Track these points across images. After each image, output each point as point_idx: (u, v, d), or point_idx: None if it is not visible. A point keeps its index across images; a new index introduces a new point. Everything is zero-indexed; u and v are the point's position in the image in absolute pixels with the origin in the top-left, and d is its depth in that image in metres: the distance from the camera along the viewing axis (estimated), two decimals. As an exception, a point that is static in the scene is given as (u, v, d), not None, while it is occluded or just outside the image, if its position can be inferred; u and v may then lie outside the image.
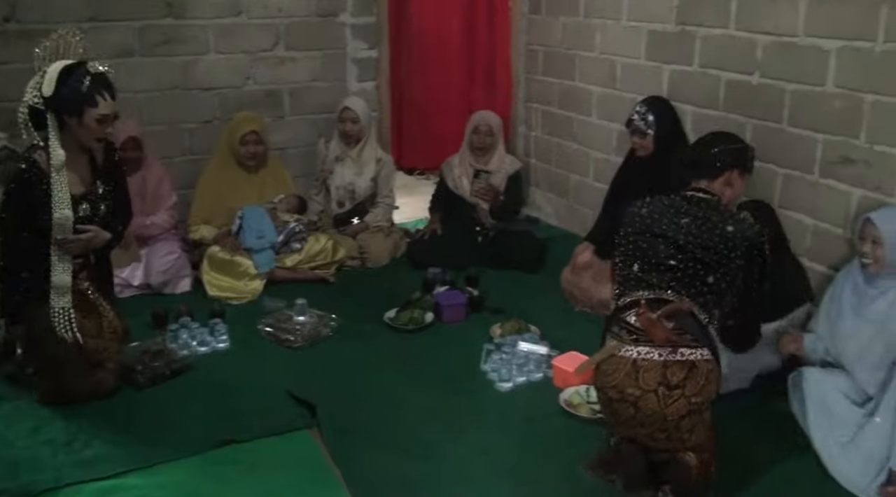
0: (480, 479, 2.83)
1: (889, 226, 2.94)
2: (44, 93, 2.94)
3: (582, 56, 5.17)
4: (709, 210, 2.65)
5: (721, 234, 2.57)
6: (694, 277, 2.56)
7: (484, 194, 4.83)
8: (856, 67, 3.44)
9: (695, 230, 2.60)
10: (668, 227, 2.64)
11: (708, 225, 2.60)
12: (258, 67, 5.07)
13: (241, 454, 2.99)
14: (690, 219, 2.63)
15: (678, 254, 2.59)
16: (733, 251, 2.55)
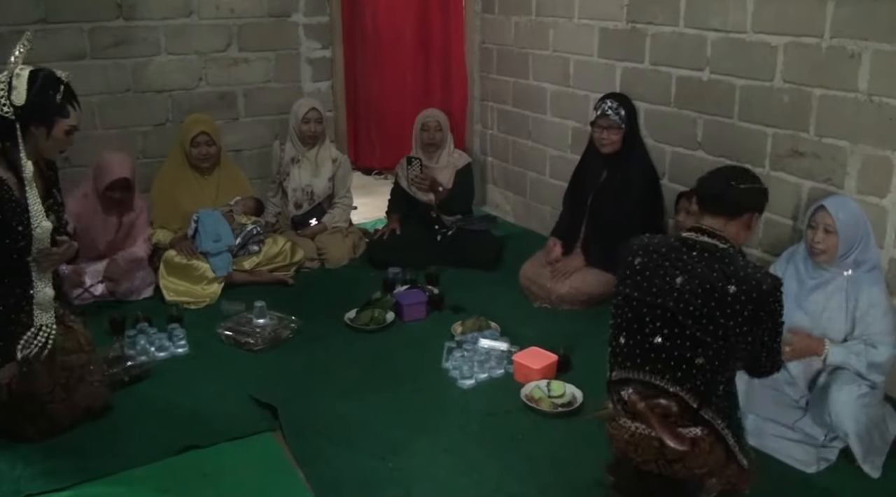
0: (443, 476, 2.84)
1: (842, 213, 2.95)
2: (14, 102, 2.75)
3: (535, 54, 5.21)
4: (712, 261, 2.24)
5: (720, 299, 2.18)
6: (681, 360, 2.22)
7: (419, 183, 4.85)
8: (803, 62, 3.52)
9: (689, 294, 2.21)
10: (659, 289, 2.27)
11: (706, 286, 2.20)
12: (211, 69, 5.03)
13: (204, 460, 2.96)
14: (687, 277, 2.23)
15: (665, 327, 2.24)
16: (732, 319, 2.17)
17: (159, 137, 4.93)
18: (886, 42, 3.17)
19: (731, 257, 2.25)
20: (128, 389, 3.39)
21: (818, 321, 3.00)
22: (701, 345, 2.19)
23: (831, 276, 3.01)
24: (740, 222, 2.36)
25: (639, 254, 2.35)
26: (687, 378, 2.22)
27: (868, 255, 3.01)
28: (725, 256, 2.25)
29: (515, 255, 4.78)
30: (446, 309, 4.20)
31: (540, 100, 5.25)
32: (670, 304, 2.23)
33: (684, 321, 2.21)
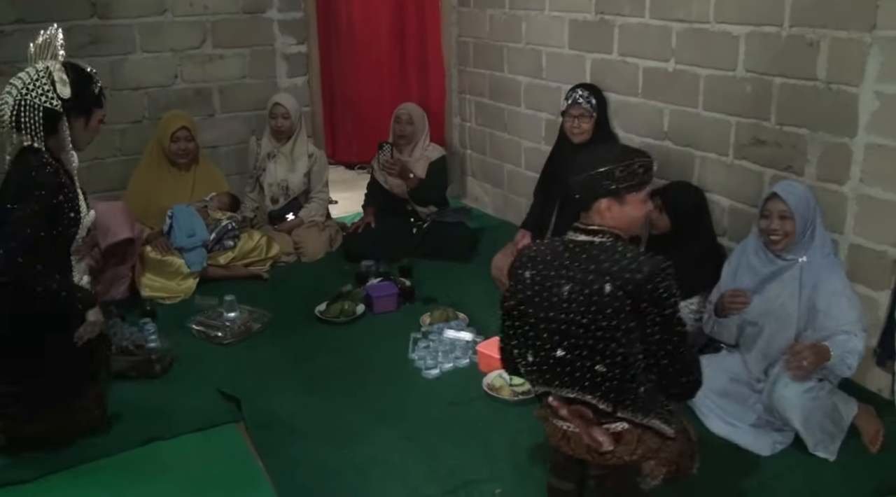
0: (401, 462, 2.88)
1: (796, 198, 2.95)
2: (62, 95, 2.81)
3: (510, 47, 5.23)
4: (589, 262, 2.13)
5: (598, 302, 2.08)
6: (583, 369, 2.16)
7: (390, 168, 4.89)
8: (764, 52, 3.55)
9: (575, 304, 2.12)
10: (549, 302, 2.17)
11: (585, 292, 2.10)
12: (186, 66, 5.06)
13: (167, 451, 3.01)
14: (571, 285, 2.13)
15: (563, 340, 2.16)
16: (614, 319, 2.07)
17: (136, 135, 4.97)
18: (843, 29, 3.20)
19: (608, 251, 2.13)
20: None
21: (771, 308, 3.03)
22: (597, 353, 2.12)
23: (786, 263, 3.03)
24: (617, 207, 2.17)
25: (528, 266, 2.23)
26: (594, 387, 2.16)
27: (820, 237, 3.03)
28: (601, 252, 2.13)
29: (493, 246, 4.78)
30: (418, 301, 4.23)
31: (514, 92, 5.27)
32: (561, 316, 2.14)
33: (576, 332, 2.13)
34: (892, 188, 3.13)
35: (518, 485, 2.75)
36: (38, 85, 2.79)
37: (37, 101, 2.78)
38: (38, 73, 2.80)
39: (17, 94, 2.78)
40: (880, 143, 3.14)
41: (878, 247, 3.23)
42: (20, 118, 2.79)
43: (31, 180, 2.78)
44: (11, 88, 2.80)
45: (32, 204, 2.77)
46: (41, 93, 2.78)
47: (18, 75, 2.83)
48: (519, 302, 2.24)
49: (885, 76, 3.08)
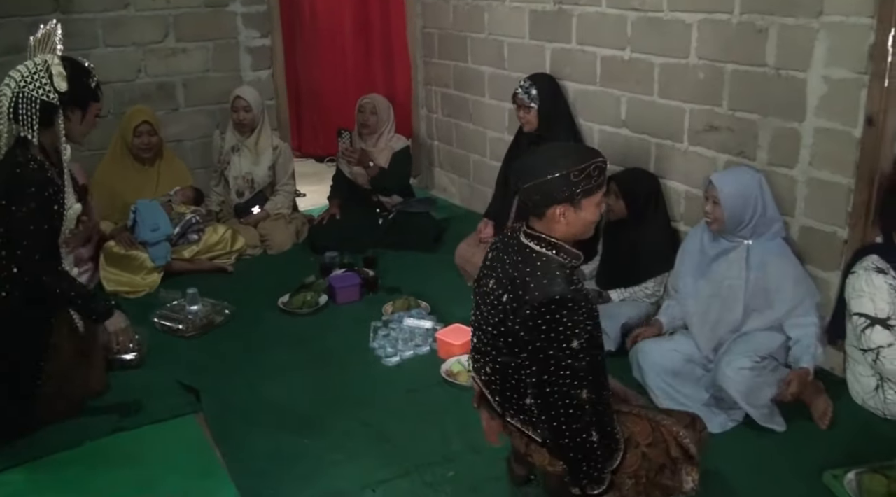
0: (356, 448, 2.92)
1: (727, 187, 3.06)
2: (59, 88, 2.84)
3: (473, 38, 5.26)
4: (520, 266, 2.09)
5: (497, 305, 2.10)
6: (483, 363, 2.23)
7: (349, 156, 4.91)
8: (715, 39, 3.59)
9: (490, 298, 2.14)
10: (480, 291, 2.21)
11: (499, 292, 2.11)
12: (150, 60, 5.06)
13: (125, 443, 3.02)
14: (495, 281, 2.14)
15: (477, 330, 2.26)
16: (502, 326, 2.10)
17: (100, 129, 4.82)
18: (791, 16, 3.24)
19: (539, 263, 2.06)
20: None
21: (719, 290, 3.09)
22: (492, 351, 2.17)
23: (732, 245, 3.10)
24: (572, 213, 2.09)
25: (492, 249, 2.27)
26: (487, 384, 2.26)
27: (768, 224, 3.09)
28: (535, 261, 2.07)
29: (458, 236, 4.82)
30: (382, 290, 4.26)
31: (478, 82, 5.30)
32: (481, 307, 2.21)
33: (483, 327, 2.19)
34: (840, 171, 3.19)
35: (470, 467, 2.79)
36: (35, 78, 2.82)
37: (34, 94, 2.82)
38: (37, 66, 2.84)
39: (16, 86, 2.82)
40: (828, 126, 3.20)
41: (828, 228, 3.29)
42: (18, 110, 2.82)
43: (17, 178, 2.81)
44: (10, 80, 2.84)
45: (28, 201, 2.82)
46: (39, 86, 2.82)
47: (17, 68, 2.86)
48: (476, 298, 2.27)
49: (831, 61, 3.13)
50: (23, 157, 2.85)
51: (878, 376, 3.03)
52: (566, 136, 4.31)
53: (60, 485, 2.80)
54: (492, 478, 2.72)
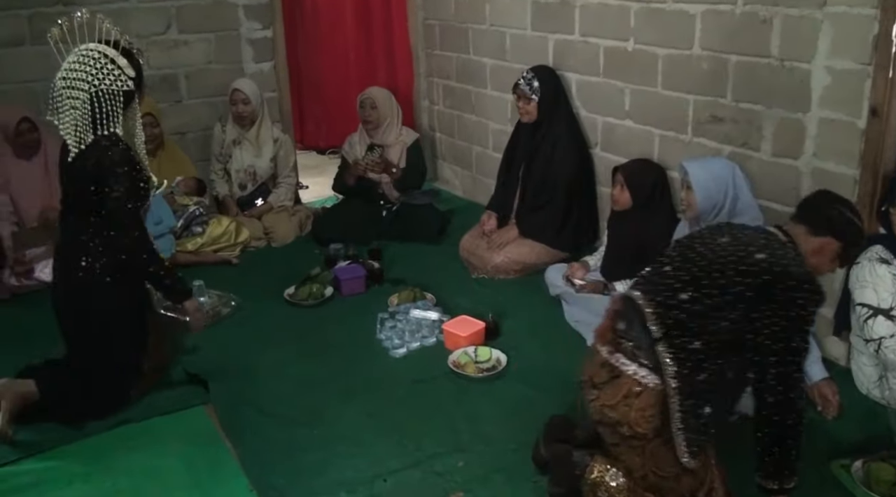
0: (365, 438, 2.94)
1: (699, 172, 3.16)
2: (129, 74, 2.92)
3: (474, 29, 5.26)
4: (759, 237, 2.29)
5: (747, 261, 2.19)
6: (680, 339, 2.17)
7: (374, 167, 4.92)
8: (719, 30, 3.60)
9: (724, 251, 2.23)
10: (703, 243, 2.30)
11: (741, 252, 2.21)
12: (152, 51, 5.03)
13: (135, 433, 3.04)
14: (730, 238, 2.28)
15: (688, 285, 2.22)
16: (740, 284, 2.15)
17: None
18: (794, 7, 3.25)
19: (779, 244, 2.28)
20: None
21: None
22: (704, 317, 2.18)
23: None
24: (818, 242, 2.38)
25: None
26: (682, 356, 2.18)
27: (743, 212, 3.15)
28: (775, 241, 2.29)
29: (461, 228, 4.85)
30: (386, 282, 4.27)
31: (480, 74, 5.30)
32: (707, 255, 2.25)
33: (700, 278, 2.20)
34: (845, 162, 3.20)
35: (480, 457, 2.81)
36: (105, 72, 2.86)
37: (114, 88, 2.87)
38: (97, 59, 2.86)
39: (89, 86, 2.84)
40: (832, 117, 3.21)
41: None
42: (100, 107, 2.86)
43: (110, 161, 2.88)
44: (77, 82, 2.84)
45: (124, 181, 2.91)
46: (114, 78, 2.87)
47: (71, 67, 2.86)
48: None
49: (835, 52, 3.14)
50: (108, 141, 2.91)
51: (881, 366, 3.05)
52: (564, 127, 4.34)
53: (71, 477, 2.80)
54: (502, 468, 2.74)
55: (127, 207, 2.94)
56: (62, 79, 2.89)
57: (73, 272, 3.04)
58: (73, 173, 2.97)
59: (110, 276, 3.04)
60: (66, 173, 3.03)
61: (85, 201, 2.97)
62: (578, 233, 4.36)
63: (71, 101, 2.88)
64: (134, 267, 3.05)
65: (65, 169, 3.03)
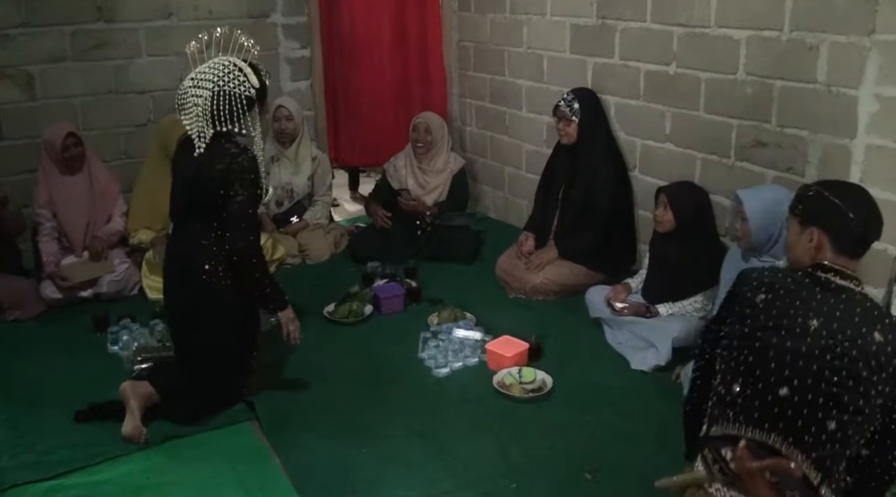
0: (415, 458, 2.94)
1: (753, 202, 3.15)
2: (254, 84, 3.08)
3: (511, 51, 5.30)
4: (850, 304, 1.93)
5: (863, 348, 1.87)
6: (811, 419, 1.87)
7: (412, 210, 4.97)
8: (764, 55, 3.62)
9: (826, 339, 1.89)
10: (789, 331, 1.93)
11: (846, 332, 1.89)
12: (190, 69, 5.07)
13: (184, 448, 3.05)
14: (823, 320, 1.92)
15: (795, 377, 1.90)
16: (876, 374, 1.86)
17: (141, 138, 5.00)
18: (842, 34, 3.27)
19: (872, 302, 1.97)
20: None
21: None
22: (836, 403, 1.86)
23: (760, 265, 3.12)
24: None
25: (761, 290, 2.02)
26: (816, 444, 1.87)
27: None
28: (867, 301, 1.96)
29: (494, 248, 4.87)
30: (424, 301, 4.29)
31: (516, 96, 5.34)
32: (803, 349, 1.90)
33: (817, 373, 1.88)
34: (892, 188, 3.20)
35: (532, 480, 2.80)
36: (231, 77, 3.05)
37: (236, 91, 3.04)
38: (226, 67, 3.07)
39: (213, 86, 3.04)
40: (880, 144, 3.22)
41: (878, 245, 3.28)
42: (220, 106, 3.03)
43: (239, 165, 3.05)
44: (203, 82, 3.06)
45: (249, 186, 3.08)
46: (238, 83, 3.05)
47: (201, 71, 3.09)
48: (744, 326, 2.01)
49: (883, 79, 3.15)
50: (235, 148, 3.09)
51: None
52: (604, 150, 4.36)
53: (120, 491, 2.82)
54: (556, 491, 2.74)
55: (248, 212, 3.10)
56: (190, 79, 3.10)
57: (196, 276, 3.17)
58: (201, 179, 3.09)
59: (230, 278, 3.17)
60: (191, 181, 3.13)
61: (211, 206, 3.10)
62: (618, 255, 4.37)
63: (194, 99, 3.06)
64: (242, 270, 3.15)
65: (188, 177, 3.14)
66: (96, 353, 3.76)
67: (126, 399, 3.06)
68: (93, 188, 4.45)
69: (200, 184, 3.09)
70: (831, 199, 2.03)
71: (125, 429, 3.00)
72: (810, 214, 2.05)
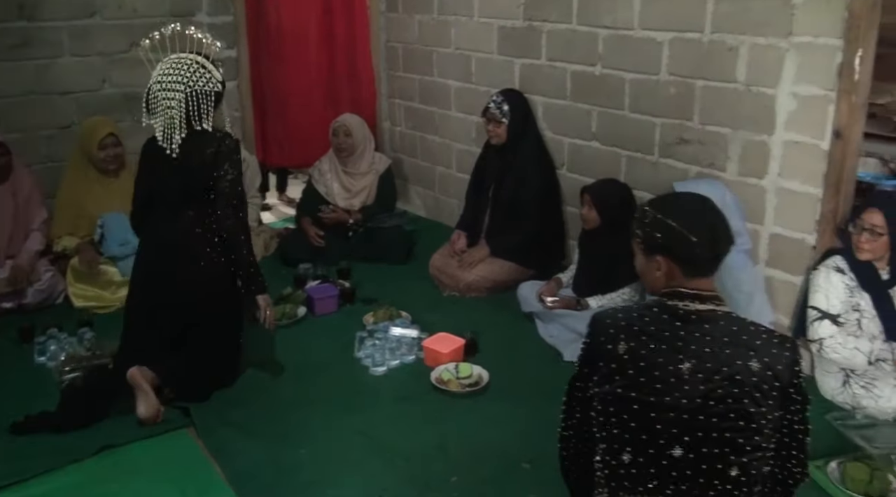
0: (356, 457, 2.95)
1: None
2: (218, 79, 3.22)
3: (439, 52, 5.34)
4: (717, 334, 1.80)
5: (743, 383, 1.75)
6: (711, 472, 1.77)
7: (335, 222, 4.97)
8: (686, 56, 3.75)
9: (704, 383, 1.76)
10: (662, 382, 1.79)
11: (724, 369, 1.76)
12: (115, 70, 4.99)
13: (120, 458, 2.97)
14: (695, 361, 1.78)
15: (685, 435, 1.77)
16: (763, 405, 1.76)
17: (64, 141, 4.85)
18: (761, 36, 3.42)
19: (738, 322, 1.84)
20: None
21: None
22: (733, 449, 1.76)
23: None
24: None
25: (620, 339, 1.85)
26: (723, 495, 1.78)
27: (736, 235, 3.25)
28: (732, 323, 1.83)
29: (426, 247, 4.90)
30: (358, 301, 4.29)
31: (445, 96, 5.38)
32: (683, 401, 1.77)
33: (705, 423, 1.76)
34: (808, 181, 3.37)
35: (472, 472, 2.84)
36: (198, 75, 3.15)
37: (207, 88, 3.15)
38: (189, 66, 3.15)
39: (184, 87, 3.12)
40: (797, 140, 3.38)
41: (796, 235, 3.47)
42: (196, 105, 3.13)
43: (227, 147, 3.21)
44: (173, 84, 3.13)
45: (238, 166, 3.27)
46: (206, 81, 3.17)
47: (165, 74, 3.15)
48: (614, 385, 1.84)
49: (800, 78, 3.31)
50: (219, 131, 3.25)
51: (844, 372, 3.21)
52: (533, 149, 4.45)
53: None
54: (496, 482, 2.78)
55: (238, 190, 3.25)
56: (157, 83, 3.16)
57: (194, 264, 3.28)
58: (191, 168, 3.19)
59: (225, 261, 3.30)
60: (182, 170, 3.20)
61: (206, 189, 3.22)
62: (548, 251, 4.46)
63: (166, 102, 3.14)
64: (232, 247, 3.27)
65: (177, 166, 3.20)
66: (23, 366, 3.64)
67: (138, 383, 3.14)
68: (16, 199, 4.30)
69: (192, 172, 3.19)
70: (670, 223, 1.85)
71: (142, 410, 3.10)
72: (651, 244, 1.90)
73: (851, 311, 3.19)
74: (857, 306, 3.18)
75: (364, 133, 5.09)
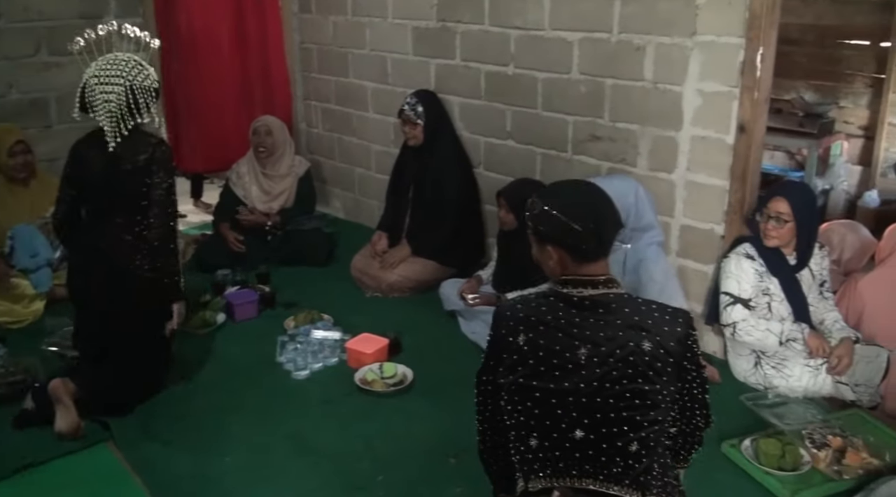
0: (282, 462, 2.94)
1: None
2: (154, 76, 3.23)
3: (354, 53, 5.34)
4: (610, 317, 1.87)
5: (636, 363, 1.84)
6: (612, 451, 1.85)
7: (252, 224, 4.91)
8: (596, 56, 3.85)
9: (600, 366, 1.84)
10: (560, 369, 1.87)
11: (617, 351, 1.84)
12: (21, 74, 4.83)
13: (42, 476, 2.89)
14: (591, 346, 1.86)
15: (584, 418, 1.86)
16: (657, 382, 1.85)
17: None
18: (667, 36, 3.54)
19: (630, 303, 1.90)
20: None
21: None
22: (631, 426, 1.84)
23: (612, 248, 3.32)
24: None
25: (520, 330, 1.91)
26: (626, 470, 1.85)
27: (644, 231, 3.40)
28: (625, 306, 1.89)
29: (347, 249, 4.89)
30: (279, 306, 4.26)
31: (361, 97, 5.38)
32: (581, 385, 1.85)
33: (602, 406, 1.84)
34: (715, 174, 3.50)
35: (398, 469, 2.87)
36: (137, 71, 3.18)
37: (146, 84, 3.18)
38: (128, 62, 3.18)
39: (124, 81, 3.13)
40: (703, 134, 3.51)
41: (706, 226, 3.60)
42: (136, 100, 3.13)
43: (162, 154, 3.20)
44: (112, 78, 3.13)
45: (172, 173, 3.26)
46: (145, 76, 3.19)
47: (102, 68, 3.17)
48: (517, 375, 1.92)
49: (705, 76, 3.44)
50: (153, 137, 3.26)
51: (755, 354, 3.35)
52: (450, 149, 4.50)
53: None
54: (423, 478, 2.82)
55: (172, 198, 3.25)
56: (94, 77, 3.16)
57: (121, 272, 3.22)
58: (123, 175, 3.16)
59: (153, 269, 3.24)
60: (109, 176, 3.18)
61: (136, 196, 3.18)
62: (468, 249, 4.51)
63: (104, 96, 3.13)
64: (159, 254, 3.23)
65: (103, 173, 3.18)
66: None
67: (58, 396, 3.08)
68: None
69: (122, 177, 3.16)
70: (554, 214, 1.89)
71: (62, 425, 3.03)
72: (540, 234, 1.94)
73: (762, 296, 3.33)
74: (767, 290, 3.33)
75: (284, 135, 5.06)
